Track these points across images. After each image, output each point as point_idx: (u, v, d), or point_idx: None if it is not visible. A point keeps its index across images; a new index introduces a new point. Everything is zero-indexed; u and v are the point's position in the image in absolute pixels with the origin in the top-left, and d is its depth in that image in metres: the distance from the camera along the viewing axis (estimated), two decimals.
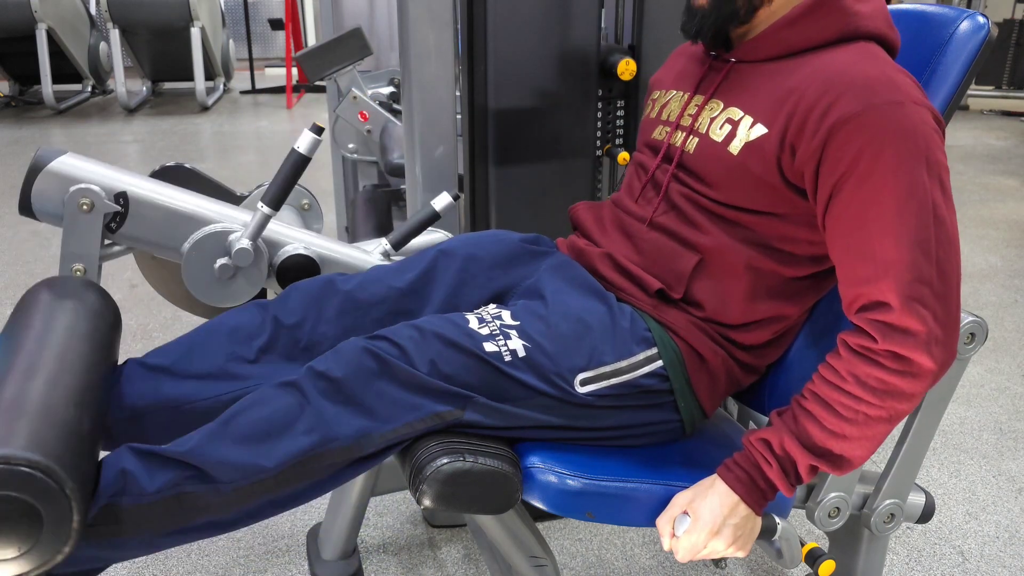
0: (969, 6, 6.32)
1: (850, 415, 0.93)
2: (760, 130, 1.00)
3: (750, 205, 1.03)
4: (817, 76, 0.97)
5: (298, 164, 1.21)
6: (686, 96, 1.13)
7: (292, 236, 1.32)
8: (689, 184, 1.08)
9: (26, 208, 1.21)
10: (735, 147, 1.02)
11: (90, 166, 1.23)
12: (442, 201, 1.36)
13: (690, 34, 1.09)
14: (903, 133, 0.92)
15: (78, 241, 1.22)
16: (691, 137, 1.09)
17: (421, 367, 0.97)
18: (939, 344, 0.91)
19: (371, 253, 1.37)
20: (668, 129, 1.14)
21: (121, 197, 1.23)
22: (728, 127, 1.04)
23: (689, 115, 1.11)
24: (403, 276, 1.15)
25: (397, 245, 1.38)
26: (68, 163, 1.22)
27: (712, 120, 1.07)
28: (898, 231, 0.91)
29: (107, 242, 1.26)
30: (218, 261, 1.26)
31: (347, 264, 1.34)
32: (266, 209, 1.23)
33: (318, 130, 1.19)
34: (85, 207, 1.20)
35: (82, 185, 1.20)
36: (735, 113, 1.04)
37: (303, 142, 1.20)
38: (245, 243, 1.24)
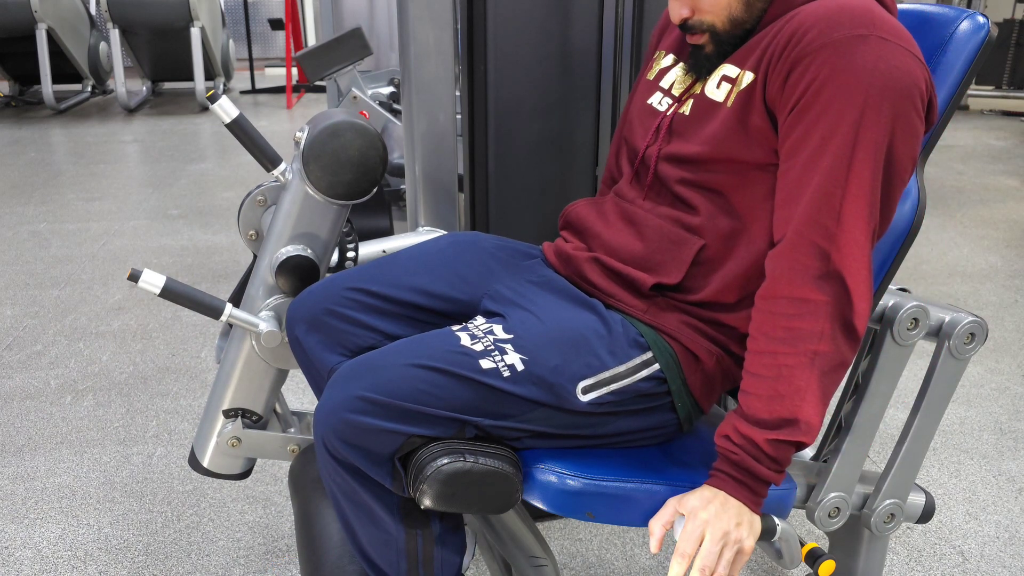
0: (969, 6, 6.33)
1: (773, 372, 0.95)
2: (749, 77, 1.01)
3: (740, 156, 1.02)
4: (797, 16, 0.98)
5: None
6: (685, 70, 1.13)
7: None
8: (677, 156, 1.08)
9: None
10: (730, 100, 1.03)
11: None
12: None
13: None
14: (851, 71, 0.92)
15: None
16: (687, 100, 1.09)
17: (414, 401, 0.97)
18: (829, 280, 0.93)
19: None
20: (668, 100, 1.13)
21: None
22: (726, 85, 1.04)
23: (684, 85, 1.12)
24: (390, 271, 1.17)
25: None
26: None
27: (706, 83, 1.07)
28: (810, 175, 0.94)
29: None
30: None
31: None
32: (236, 311, 1.26)
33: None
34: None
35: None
36: (731, 70, 1.04)
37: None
38: (261, 327, 1.27)
